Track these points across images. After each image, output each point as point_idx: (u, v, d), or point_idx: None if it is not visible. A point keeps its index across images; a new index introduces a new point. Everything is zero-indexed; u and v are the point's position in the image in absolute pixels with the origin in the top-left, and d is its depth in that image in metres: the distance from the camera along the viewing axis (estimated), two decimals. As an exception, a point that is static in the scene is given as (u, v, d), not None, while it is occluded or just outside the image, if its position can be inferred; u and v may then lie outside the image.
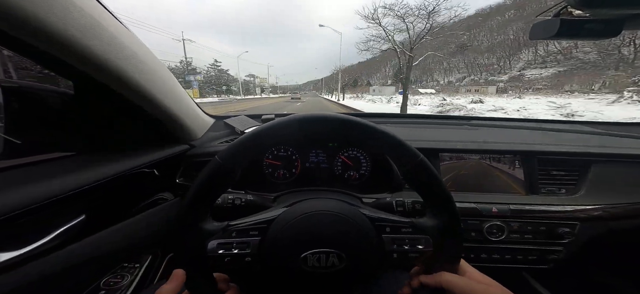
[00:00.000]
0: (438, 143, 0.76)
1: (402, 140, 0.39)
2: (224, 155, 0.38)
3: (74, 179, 0.44)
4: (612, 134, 0.93)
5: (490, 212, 0.66)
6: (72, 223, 0.46)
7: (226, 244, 0.39)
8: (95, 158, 0.53)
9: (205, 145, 0.78)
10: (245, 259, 0.40)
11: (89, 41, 0.39)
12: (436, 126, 1.06)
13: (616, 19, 0.51)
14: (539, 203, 0.68)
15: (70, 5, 0.36)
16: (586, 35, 0.53)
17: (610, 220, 0.69)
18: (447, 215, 0.40)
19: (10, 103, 0.48)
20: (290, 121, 0.39)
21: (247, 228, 0.41)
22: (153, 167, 0.64)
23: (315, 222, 0.41)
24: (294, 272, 0.39)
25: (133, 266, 0.62)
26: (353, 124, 0.39)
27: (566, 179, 0.73)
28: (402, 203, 0.61)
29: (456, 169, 0.74)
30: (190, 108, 0.73)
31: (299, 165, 0.80)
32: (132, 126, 0.64)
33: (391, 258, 0.41)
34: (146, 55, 0.54)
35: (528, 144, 0.76)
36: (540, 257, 0.69)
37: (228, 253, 0.39)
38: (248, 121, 1.01)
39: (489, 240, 0.67)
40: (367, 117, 1.25)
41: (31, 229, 0.40)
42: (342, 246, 0.39)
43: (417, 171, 0.39)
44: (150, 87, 0.54)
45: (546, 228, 0.67)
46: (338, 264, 0.39)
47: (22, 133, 0.51)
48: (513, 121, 1.19)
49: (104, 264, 0.52)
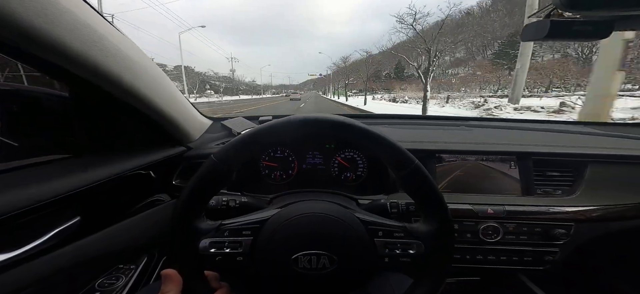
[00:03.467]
0: (434, 144, 0.76)
1: (398, 144, 0.40)
2: (220, 155, 0.38)
3: (69, 182, 0.44)
4: (608, 134, 0.94)
5: (485, 213, 0.66)
6: (67, 224, 0.46)
7: (218, 243, 0.40)
8: (91, 160, 0.53)
9: (201, 147, 0.78)
10: (237, 259, 0.40)
11: (83, 45, 0.40)
12: (432, 127, 1.06)
13: (606, 20, 0.52)
14: (534, 204, 0.68)
15: (64, 10, 0.37)
16: (577, 37, 0.54)
17: (607, 221, 0.69)
18: (440, 221, 0.40)
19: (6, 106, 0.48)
20: (287, 122, 0.40)
21: (239, 228, 0.41)
22: (149, 169, 0.64)
23: (308, 223, 0.41)
24: (285, 273, 0.39)
25: (128, 268, 0.62)
26: (348, 127, 0.39)
27: (562, 180, 0.73)
28: (397, 205, 0.61)
29: (452, 170, 0.74)
30: (186, 110, 0.74)
31: (295, 166, 0.80)
32: (128, 128, 0.64)
33: (383, 262, 0.41)
34: (141, 58, 0.54)
35: (523, 144, 0.76)
36: (535, 258, 0.69)
37: (220, 252, 0.39)
38: (246, 122, 1.01)
39: (485, 241, 0.67)
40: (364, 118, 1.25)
41: (24, 231, 0.40)
42: (333, 248, 0.39)
43: (412, 176, 0.40)
44: (145, 90, 0.54)
45: (542, 229, 0.67)
46: (329, 267, 0.39)
47: (17, 136, 0.51)
48: (509, 121, 1.20)
49: (99, 266, 0.52)
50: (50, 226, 0.43)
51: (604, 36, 0.55)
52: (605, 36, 0.55)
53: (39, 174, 0.44)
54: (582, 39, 0.57)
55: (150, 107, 0.57)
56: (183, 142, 0.74)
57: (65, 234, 0.45)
